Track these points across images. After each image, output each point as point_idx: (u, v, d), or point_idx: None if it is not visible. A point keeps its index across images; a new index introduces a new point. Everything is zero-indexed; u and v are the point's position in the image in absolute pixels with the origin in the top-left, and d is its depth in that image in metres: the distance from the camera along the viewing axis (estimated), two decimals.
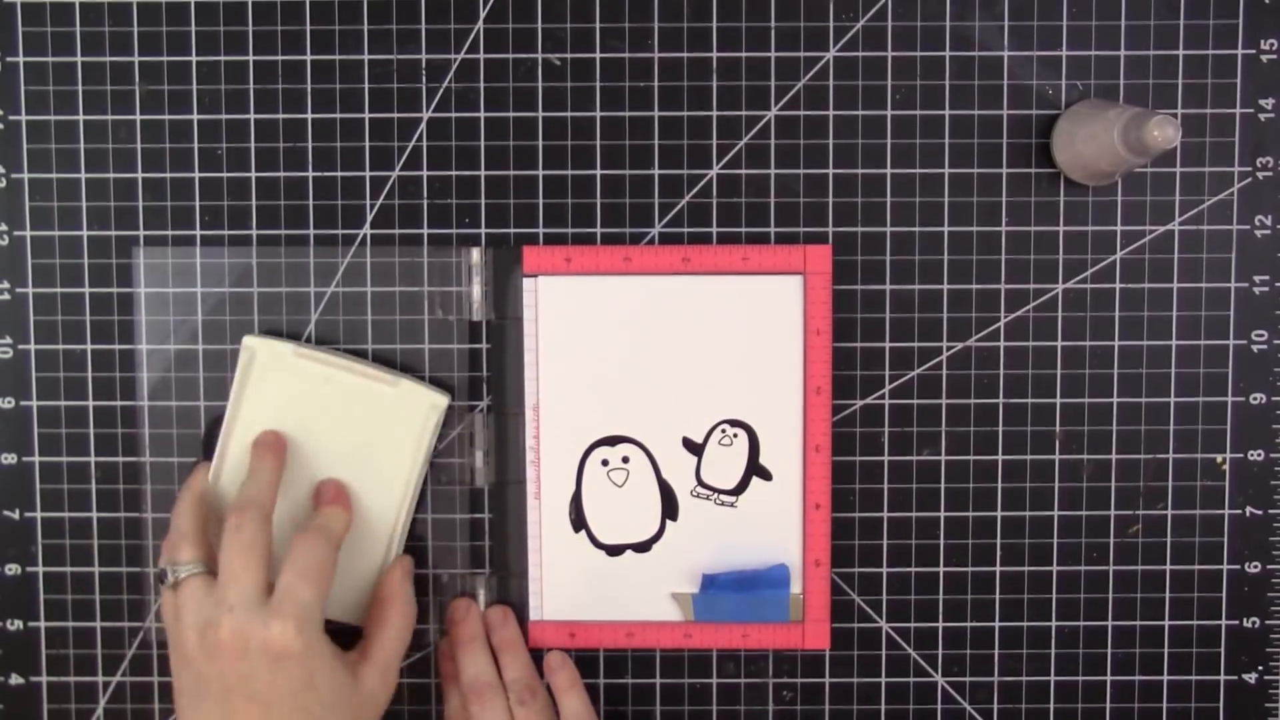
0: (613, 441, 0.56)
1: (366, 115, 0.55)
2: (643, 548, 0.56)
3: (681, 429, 0.56)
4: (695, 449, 0.56)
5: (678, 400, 0.55)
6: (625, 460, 0.56)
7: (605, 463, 0.56)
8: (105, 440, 0.56)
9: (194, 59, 0.55)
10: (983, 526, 0.56)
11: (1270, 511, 0.56)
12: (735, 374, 0.55)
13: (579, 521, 0.56)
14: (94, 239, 0.56)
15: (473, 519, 0.56)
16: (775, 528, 0.56)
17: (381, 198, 0.55)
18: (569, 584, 0.56)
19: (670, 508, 0.56)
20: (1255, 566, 0.56)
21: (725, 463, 0.56)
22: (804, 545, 0.56)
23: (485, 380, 0.56)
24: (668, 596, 0.56)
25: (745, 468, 0.56)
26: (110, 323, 0.56)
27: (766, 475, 0.56)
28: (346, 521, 0.53)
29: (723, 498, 0.56)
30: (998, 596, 0.56)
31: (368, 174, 0.55)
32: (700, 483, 0.56)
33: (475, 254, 0.55)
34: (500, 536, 0.56)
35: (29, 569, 0.56)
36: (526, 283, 0.55)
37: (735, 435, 0.56)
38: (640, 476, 0.56)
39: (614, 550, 0.56)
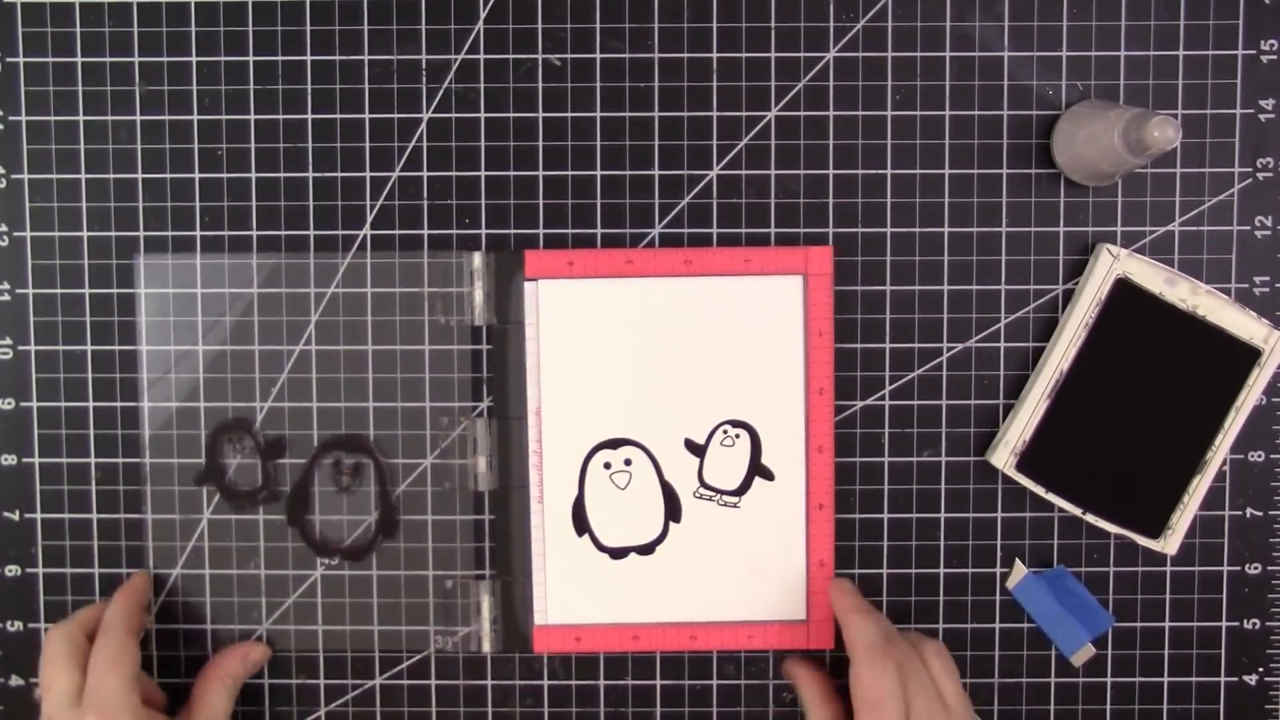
0: (615, 444, 0.56)
1: (367, 116, 0.55)
2: (646, 550, 0.56)
3: (683, 430, 0.56)
4: (697, 450, 0.56)
5: (680, 402, 0.55)
6: (628, 463, 0.56)
7: (608, 465, 0.56)
8: (105, 441, 0.56)
9: (194, 59, 0.55)
10: (983, 528, 0.56)
11: (1271, 513, 0.56)
12: (737, 375, 0.55)
13: (582, 525, 0.56)
14: (94, 240, 0.56)
15: (475, 520, 0.56)
16: (779, 528, 0.56)
17: (381, 198, 0.55)
18: (573, 588, 0.56)
19: (673, 509, 0.56)
20: (1255, 568, 0.56)
21: (727, 463, 0.56)
22: (807, 546, 0.56)
23: (486, 384, 0.56)
24: (672, 598, 0.56)
25: (748, 468, 0.56)
26: (110, 324, 0.56)
27: (769, 475, 0.56)
28: (127, 612, 0.53)
29: (725, 498, 0.56)
30: (998, 598, 0.56)
31: (368, 175, 0.55)
32: (703, 484, 0.56)
33: (477, 258, 0.55)
34: (503, 540, 0.56)
35: (29, 570, 0.56)
36: (528, 287, 0.55)
37: (737, 436, 0.56)
38: (643, 479, 0.56)
39: (617, 553, 0.56)
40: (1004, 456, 0.55)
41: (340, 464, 0.56)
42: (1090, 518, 0.55)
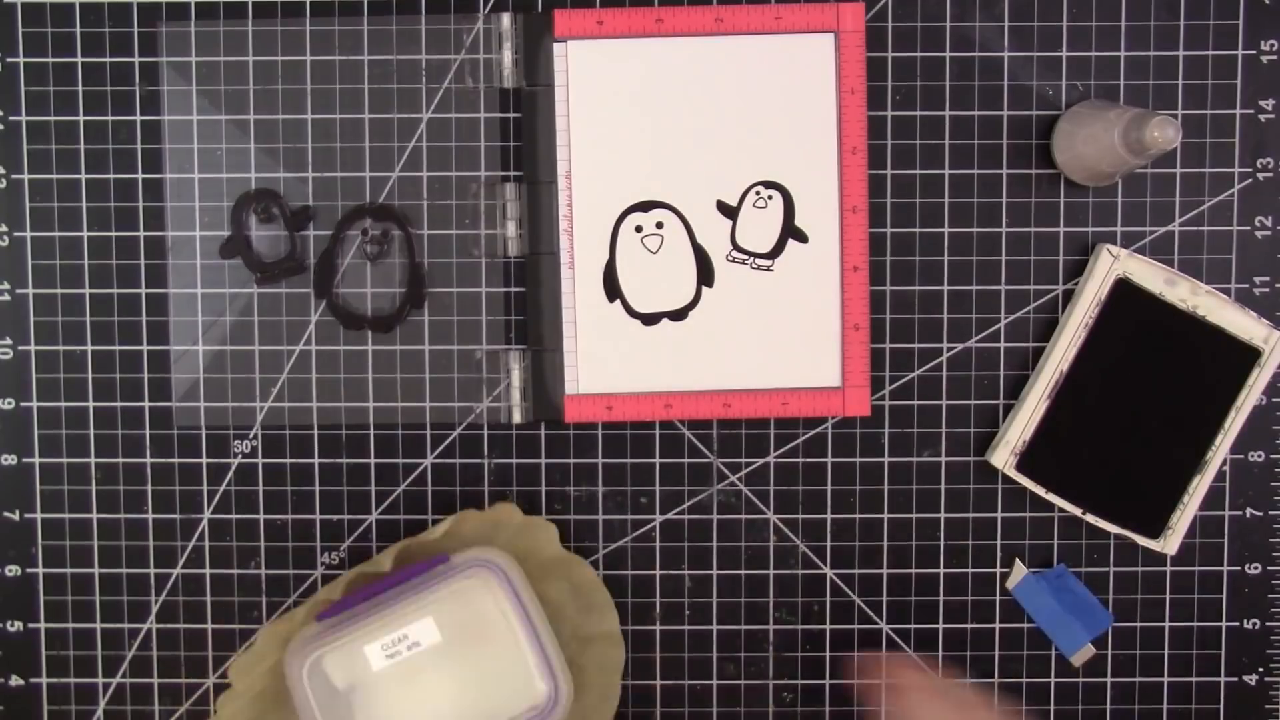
0: (646, 207, 0.55)
1: (366, 116, 0.55)
2: (679, 315, 0.55)
3: (715, 192, 0.55)
4: (730, 212, 0.55)
5: (711, 163, 0.55)
6: (659, 226, 0.55)
7: (639, 229, 0.55)
8: (105, 441, 0.56)
9: (193, 59, 0.55)
10: (983, 528, 0.56)
11: (1270, 513, 0.56)
12: (769, 135, 0.55)
13: (613, 290, 0.55)
14: (94, 240, 0.56)
15: (504, 293, 0.56)
16: (813, 292, 0.55)
17: None
18: (604, 356, 0.55)
19: (705, 273, 0.55)
20: (1255, 568, 0.56)
21: (760, 226, 0.55)
22: (842, 309, 0.55)
23: (516, 149, 0.55)
24: (705, 366, 0.55)
25: (781, 230, 0.55)
26: (110, 324, 0.56)
27: (803, 237, 0.55)
28: None
29: (758, 261, 0.55)
30: (998, 598, 0.56)
31: (368, 175, 0.55)
32: (735, 246, 0.55)
33: (505, 19, 0.55)
34: (534, 309, 0.55)
35: (29, 570, 0.56)
36: (557, 48, 0.54)
37: (770, 197, 0.55)
38: (675, 242, 0.55)
39: (649, 319, 0.55)
40: (1004, 456, 0.55)
41: (367, 233, 0.55)
42: (1090, 518, 0.55)
